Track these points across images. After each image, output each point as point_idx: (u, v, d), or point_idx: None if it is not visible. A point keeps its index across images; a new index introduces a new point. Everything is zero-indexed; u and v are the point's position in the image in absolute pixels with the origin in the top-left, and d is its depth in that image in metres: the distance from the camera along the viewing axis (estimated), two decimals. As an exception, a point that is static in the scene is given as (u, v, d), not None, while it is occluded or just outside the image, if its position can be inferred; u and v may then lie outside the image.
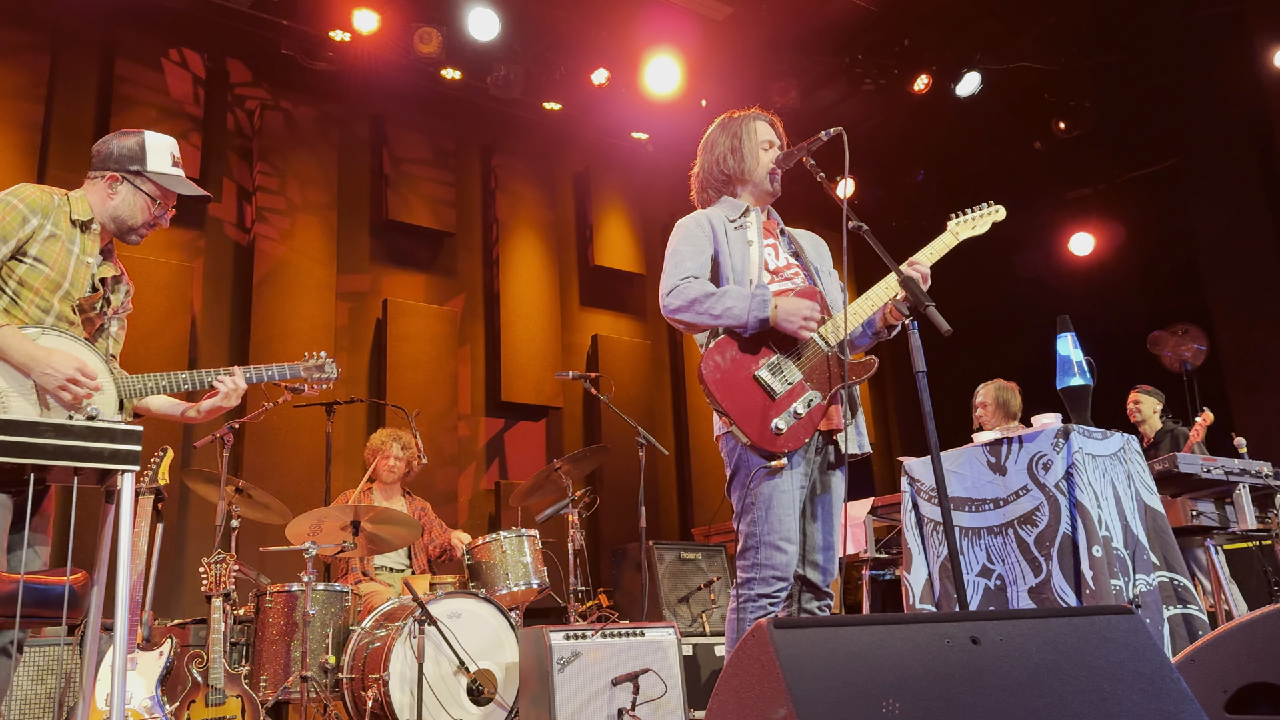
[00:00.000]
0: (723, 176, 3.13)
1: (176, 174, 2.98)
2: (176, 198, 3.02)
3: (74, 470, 2.12)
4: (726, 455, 2.84)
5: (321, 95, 6.59)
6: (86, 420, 2.14)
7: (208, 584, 3.70)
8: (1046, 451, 3.32)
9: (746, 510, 2.73)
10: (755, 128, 3.13)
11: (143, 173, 2.91)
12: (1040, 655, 1.70)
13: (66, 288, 2.81)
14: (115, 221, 2.92)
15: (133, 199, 2.92)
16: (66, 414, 2.61)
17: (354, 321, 6.47)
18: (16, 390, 2.59)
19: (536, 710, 3.81)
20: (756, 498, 2.71)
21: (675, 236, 3.03)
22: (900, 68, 7.28)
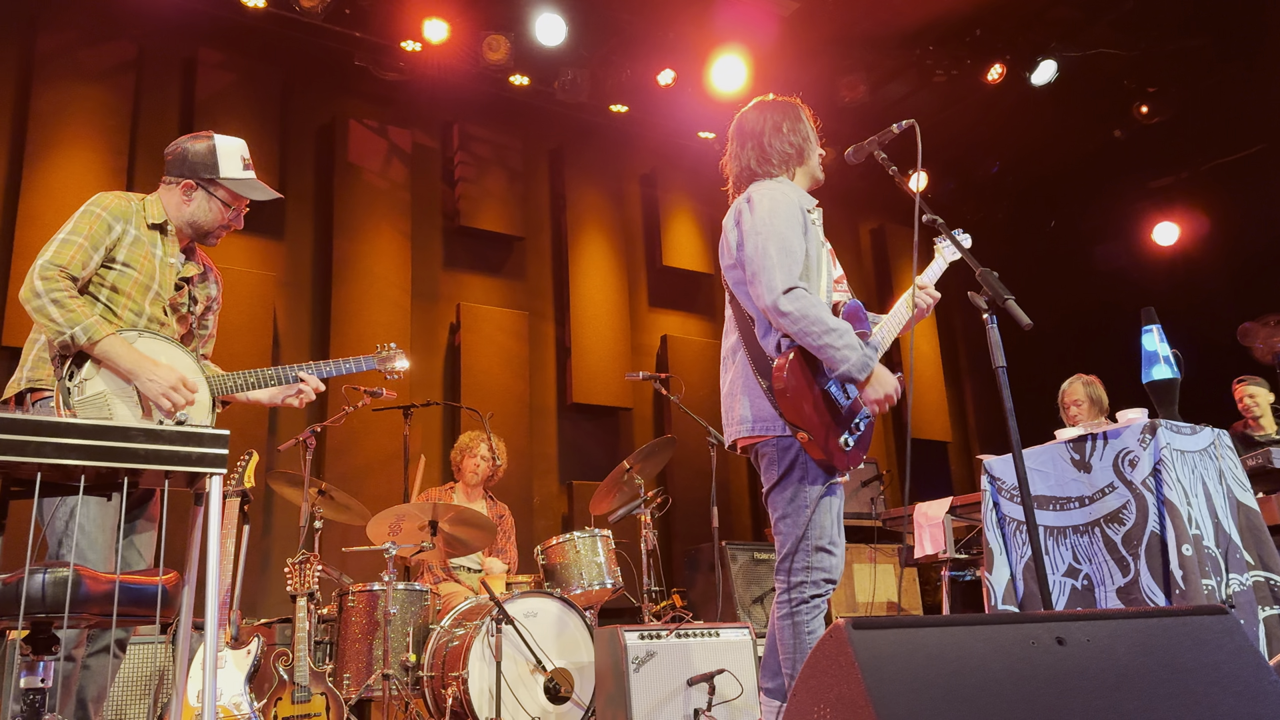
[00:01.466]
0: (788, 150, 2.97)
1: (248, 177, 3.05)
2: (250, 199, 3.08)
3: (164, 473, 2.19)
4: (777, 458, 2.79)
5: (394, 105, 6.73)
6: (176, 425, 2.22)
7: (293, 584, 3.80)
8: (1132, 448, 3.22)
9: (795, 514, 2.73)
10: (805, 113, 3.08)
11: (216, 179, 2.99)
12: (1129, 657, 1.65)
13: (155, 289, 2.89)
14: (192, 226, 3.00)
15: (207, 205, 2.99)
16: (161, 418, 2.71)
17: (428, 327, 6.58)
18: (119, 395, 2.69)
19: (613, 710, 3.83)
20: (810, 503, 2.72)
21: (772, 211, 2.76)
22: (973, 58, 7.13)
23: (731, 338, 2.94)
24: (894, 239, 8.88)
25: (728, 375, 2.94)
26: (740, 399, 2.84)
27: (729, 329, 2.97)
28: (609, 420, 7.17)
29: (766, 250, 2.71)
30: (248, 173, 3.06)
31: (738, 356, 2.89)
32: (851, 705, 1.50)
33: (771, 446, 2.80)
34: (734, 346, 2.91)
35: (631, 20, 6.71)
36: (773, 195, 2.81)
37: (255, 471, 3.71)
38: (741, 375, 2.85)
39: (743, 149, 2.99)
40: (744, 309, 2.86)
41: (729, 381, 2.92)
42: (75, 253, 2.74)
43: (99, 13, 5.70)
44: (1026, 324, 2.54)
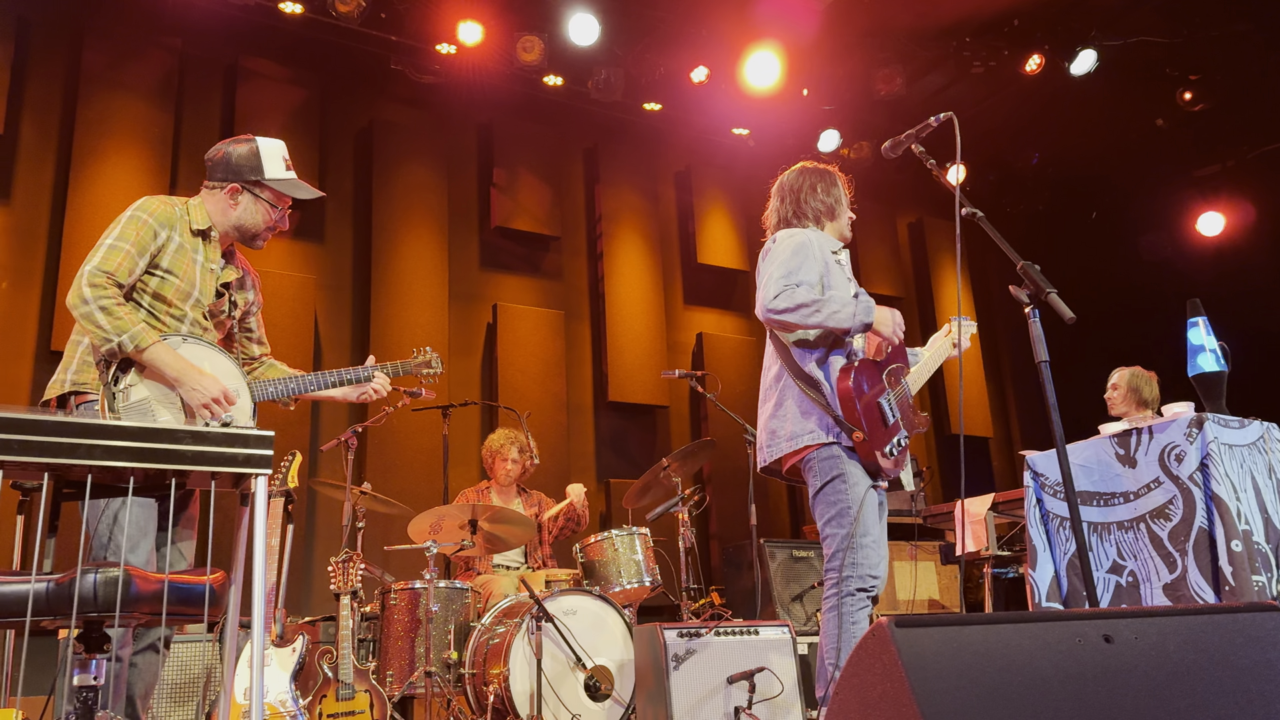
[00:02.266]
0: (819, 207, 3.26)
1: (291, 177, 3.07)
2: (292, 199, 3.09)
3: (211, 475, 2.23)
4: (821, 466, 2.99)
5: (429, 107, 6.78)
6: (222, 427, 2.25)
7: (336, 582, 3.85)
8: (1179, 442, 3.16)
9: (843, 515, 2.95)
10: (840, 181, 3.34)
11: (261, 181, 3.00)
12: (1180, 654, 1.62)
13: (196, 295, 2.91)
14: (239, 230, 3.01)
15: (254, 207, 3.01)
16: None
17: (465, 326, 6.63)
18: (162, 401, 2.74)
19: (653, 707, 3.83)
20: (855, 504, 2.94)
21: (785, 248, 3.10)
22: (1011, 49, 7.05)
23: (773, 369, 3.18)
24: (933, 232, 8.80)
25: (769, 402, 3.16)
26: (789, 418, 3.06)
27: (769, 363, 3.22)
28: (646, 418, 7.18)
29: (770, 273, 3.02)
30: (290, 173, 3.08)
31: (781, 383, 3.11)
32: (895, 704, 1.49)
33: (816, 456, 3.00)
34: (777, 375, 3.15)
35: (664, 18, 6.71)
36: (792, 234, 3.13)
37: (299, 472, 3.76)
38: (790, 395, 3.07)
39: (781, 203, 3.30)
40: (781, 339, 3.13)
41: (773, 406, 3.14)
42: (122, 260, 2.76)
43: (142, 24, 5.81)
44: (1069, 317, 2.51)
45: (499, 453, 5.14)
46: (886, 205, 8.62)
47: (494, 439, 5.23)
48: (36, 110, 5.55)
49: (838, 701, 1.69)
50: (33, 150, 5.52)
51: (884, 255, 8.44)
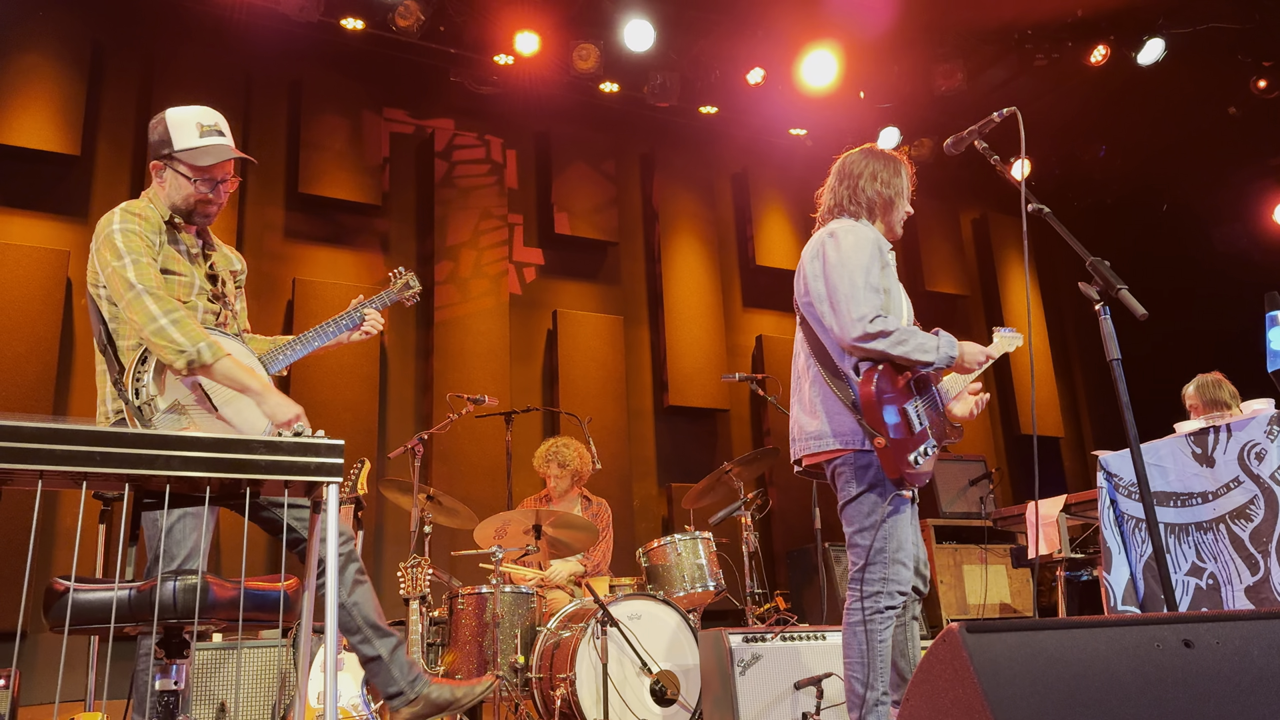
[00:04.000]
0: (875, 198, 3.11)
1: (203, 144, 2.86)
2: (233, 166, 2.93)
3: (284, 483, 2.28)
4: (854, 474, 2.90)
5: (488, 117, 6.87)
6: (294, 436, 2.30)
7: (405, 587, 3.90)
8: (1259, 440, 3.06)
9: (873, 528, 2.84)
10: (905, 171, 3.18)
11: (173, 154, 2.84)
12: (1264, 660, 1.57)
13: (199, 285, 2.87)
14: (174, 209, 2.87)
15: (176, 183, 2.86)
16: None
17: (526, 333, 6.69)
18: (191, 406, 2.77)
19: (720, 712, 3.82)
20: (886, 517, 2.84)
21: (856, 247, 2.92)
22: (1074, 40, 6.90)
23: (801, 359, 3.09)
24: (997, 228, 8.65)
25: (799, 395, 3.07)
26: (817, 416, 2.96)
27: (799, 352, 3.11)
28: (706, 422, 7.17)
29: (854, 282, 2.85)
30: (205, 139, 2.86)
31: (811, 377, 3.01)
32: (968, 711, 1.47)
33: (849, 463, 2.92)
34: (805, 367, 3.05)
35: (719, 21, 6.70)
36: (856, 232, 2.97)
37: (368, 479, 3.82)
38: (819, 393, 2.97)
39: (839, 184, 3.16)
40: (816, 334, 3.00)
41: (801, 401, 3.05)
42: (152, 271, 2.72)
43: (209, 44, 5.98)
44: (1141, 314, 2.45)
45: (542, 471, 5.18)
46: (949, 202, 8.49)
47: (536, 456, 5.22)
48: (111, 131, 5.74)
49: (908, 708, 1.67)
50: (108, 171, 5.71)
51: (948, 253, 8.32)
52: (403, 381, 6.27)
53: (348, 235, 6.28)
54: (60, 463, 2.03)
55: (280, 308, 5.96)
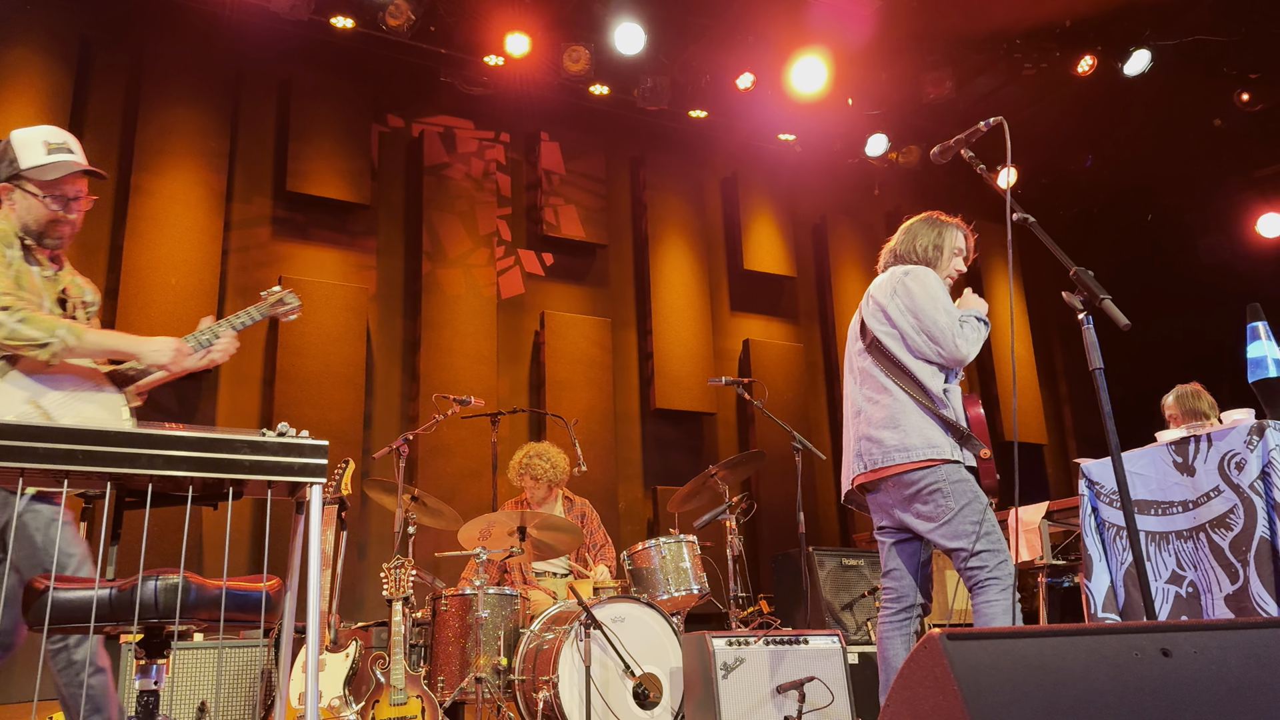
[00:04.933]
0: (925, 259, 3.44)
1: (50, 161, 2.80)
2: (85, 184, 2.89)
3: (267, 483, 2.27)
4: (950, 487, 3.06)
5: (478, 117, 6.87)
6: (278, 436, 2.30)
7: (389, 588, 3.89)
8: (1239, 450, 3.09)
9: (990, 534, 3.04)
10: (955, 235, 3.55)
11: (20, 174, 2.78)
12: (1242, 669, 1.59)
13: (48, 307, 2.80)
14: (27, 231, 2.82)
15: (26, 203, 2.80)
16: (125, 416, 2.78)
17: (513, 335, 6.69)
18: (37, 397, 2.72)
19: (702, 715, 3.82)
20: (994, 520, 3.09)
21: (933, 287, 3.25)
22: (1062, 50, 6.95)
23: (872, 382, 3.26)
24: (984, 237, 8.60)
25: (867, 416, 3.24)
26: (900, 429, 3.12)
27: (869, 375, 3.28)
28: (693, 425, 7.18)
29: (949, 312, 3.20)
30: (52, 156, 2.80)
31: (893, 396, 3.18)
32: (948, 717, 1.48)
33: (944, 476, 3.07)
34: (881, 388, 3.23)
35: (710, 26, 6.72)
36: (934, 277, 3.32)
37: (352, 479, 3.81)
38: (901, 410, 3.15)
39: (906, 243, 3.51)
40: (899, 359, 3.22)
41: (871, 420, 3.21)
42: (5, 276, 2.68)
43: (199, 42, 5.95)
44: (1124, 324, 2.47)
45: (515, 482, 5.15)
46: (935, 209, 8.51)
47: (509, 468, 5.16)
48: (98, 126, 5.71)
49: (889, 713, 1.68)
50: (94, 163, 5.67)
51: (933, 260, 8.34)
52: (389, 381, 6.25)
53: (336, 234, 6.27)
54: (42, 460, 2.02)
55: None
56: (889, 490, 3.18)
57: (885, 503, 3.23)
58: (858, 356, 3.35)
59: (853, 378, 3.37)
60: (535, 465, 5.05)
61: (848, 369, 3.43)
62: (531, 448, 5.19)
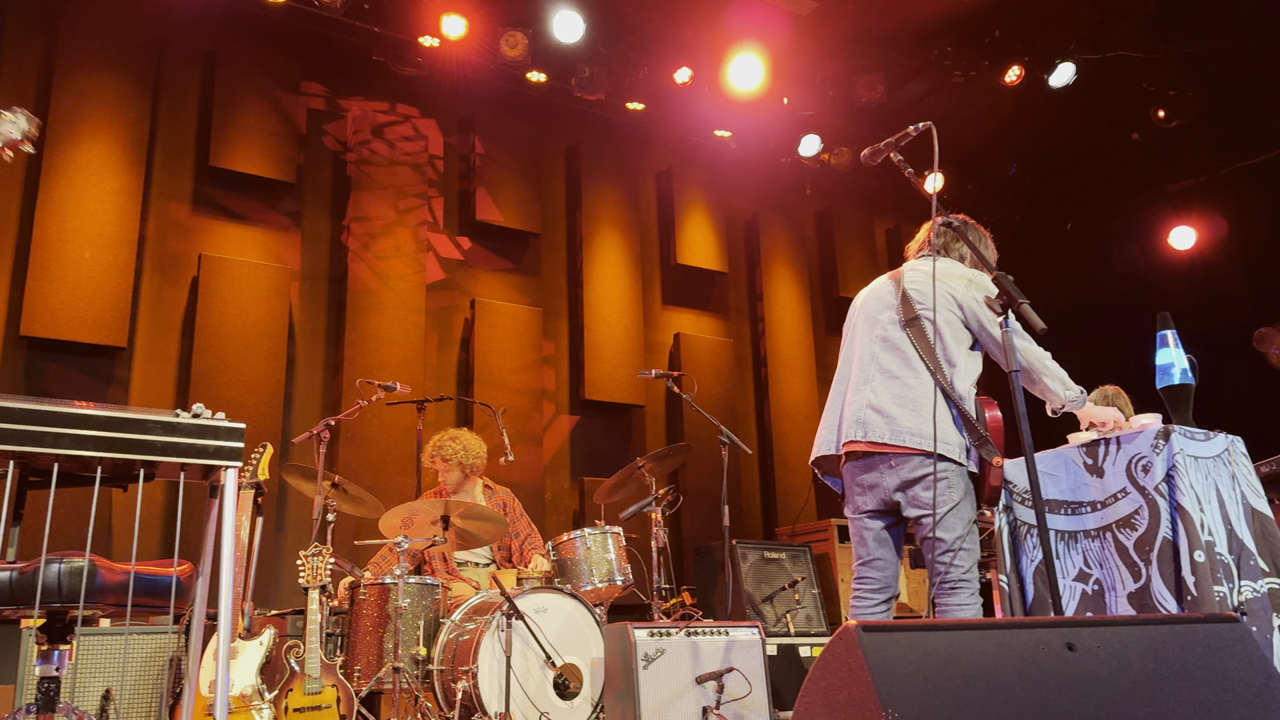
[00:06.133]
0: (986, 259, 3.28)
1: None
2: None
3: (180, 465, 2.21)
4: (956, 481, 3.08)
5: (411, 99, 6.76)
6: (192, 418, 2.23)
7: (305, 576, 3.82)
8: (1146, 453, 3.21)
9: (973, 534, 3.09)
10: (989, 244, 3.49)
11: None
12: (1141, 663, 1.65)
13: None
14: None
15: None
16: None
17: (443, 321, 6.61)
18: None
19: (621, 706, 3.84)
20: (975, 528, 3.12)
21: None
22: (991, 59, 7.11)
23: (904, 355, 3.18)
24: (910, 239, 8.83)
25: (890, 386, 3.16)
26: (918, 412, 3.08)
27: (899, 348, 3.21)
28: (621, 417, 7.18)
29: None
30: None
31: (923, 380, 3.12)
32: (861, 708, 1.51)
33: (954, 473, 3.08)
34: (907, 366, 3.16)
35: (649, 18, 6.71)
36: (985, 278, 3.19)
37: (269, 464, 3.73)
38: (924, 394, 3.09)
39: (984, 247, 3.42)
40: (936, 351, 3.14)
41: (895, 393, 3.15)
42: None
43: (121, 9, 5.74)
44: (1040, 328, 2.54)
45: (428, 465, 5.06)
46: (865, 211, 8.67)
47: (424, 455, 5.07)
48: (10, 89, 5.47)
49: (803, 703, 1.70)
50: (5, 132, 5.44)
51: (861, 261, 8.49)
52: (311, 364, 6.12)
53: (259, 212, 6.11)
54: (-62, 437, 1.93)
55: (185, 284, 5.76)
56: (885, 470, 3.12)
57: (875, 482, 3.16)
58: (890, 325, 3.24)
59: (872, 344, 3.26)
60: (446, 447, 4.97)
61: (865, 333, 3.32)
62: (447, 431, 5.12)
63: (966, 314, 3.15)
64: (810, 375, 8.01)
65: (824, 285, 8.47)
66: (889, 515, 3.21)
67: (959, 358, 3.11)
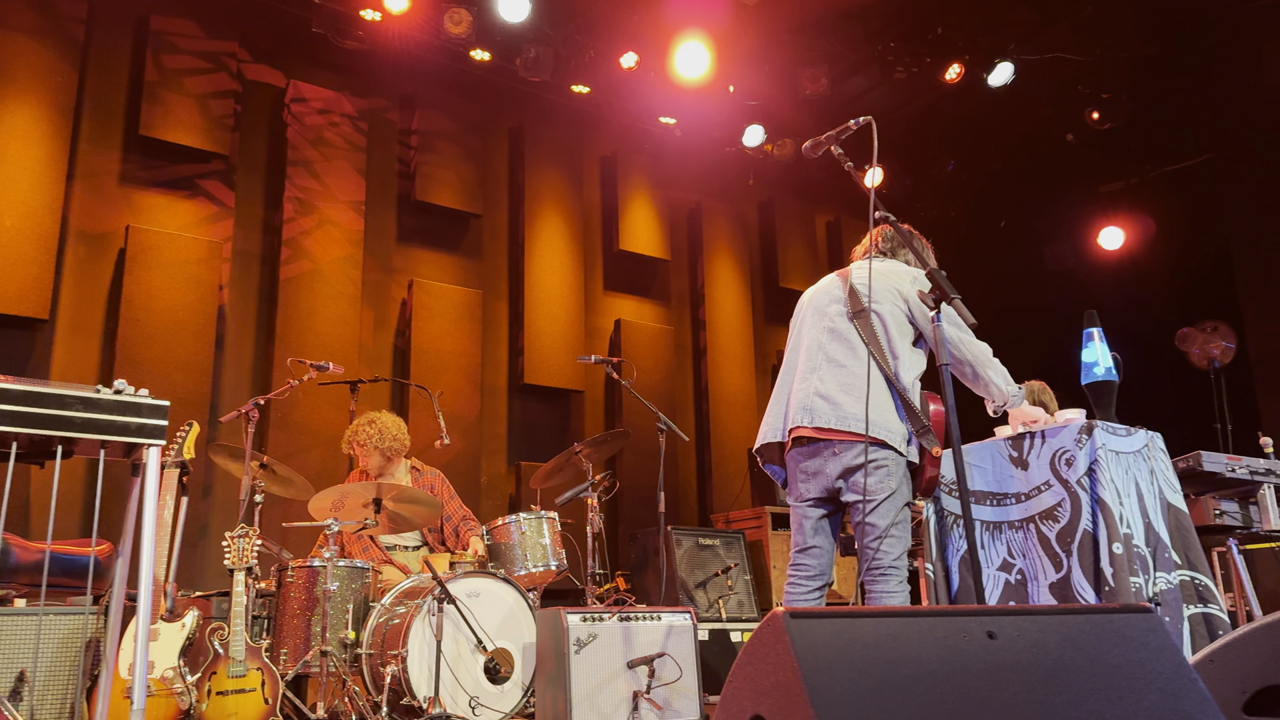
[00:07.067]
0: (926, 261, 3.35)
1: None
2: None
3: (101, 443, 2.15)
4: (894, 469, 3.09)
5: (351, 74, 6.62)
6: (114, 394, 2.17)
7: (231, 558, 3.75)
8: (1069, 447, 3.29)
9: (905, 521, 3.10)
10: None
11: None
12: (1058, 652, 1.69)
13: None
14: None
15: None
16: None
17: (379, 299, 6.51)
18: None
19: (552, 690, 3.84)
20: (908, 516, 3.13)
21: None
22: (933, 56, 7.20)
23: (851, 345, 3.21)
24: (850, 232, 8.96)
25: (836, 375, 3.19)
26: (862, 400, 3.09)
27: (846, 338, 3.24)
28: (560, 402, 7.16)
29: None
30: None
31: (869, 369, 3.13)
32: (787, 693, 1.52)
33: (893, 460, 3.09)
34: (853, 355, 3.19)
35: (596, 1, 6.66)
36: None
37: (195, 443, 3.64)
38: (869, 385, 3.09)
39: (928, 256, 3.41)
40: (881, 342, 3.17)
41: (841, 380, 3.17)
42: None
43: (46, -35, 5.53)
44: (972, 323, 2.58)
45: (345, 452, 4.96)
46: (807, 203, 8.74)
47: (343, 442, 4.98)
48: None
49: (731, 688, 1.71)
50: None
51: (801, 252, 8.57)
52: (242, 342, 5.99)
53: (190, 184, 5.94)
54: None
55: (111, 256, 5.59)
56: (829, 456, 3.14)
57: (819, 469, 3.17)
58: (838, 317, 3.27)
59: (819, 334, 3.29)
60: (361, 432, 4.85)
61: (813, 325, 3.34)
62: (364, 415, 4.98)
63: (911, 309, 3.19)
64: (749, 364, 8.07)
65: (765, 275, 8.53)
66: (829, 503, 3.24)
67: (903, 351, 3.15)
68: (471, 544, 4.81)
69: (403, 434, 4.91)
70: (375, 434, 4.83)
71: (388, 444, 4.86)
